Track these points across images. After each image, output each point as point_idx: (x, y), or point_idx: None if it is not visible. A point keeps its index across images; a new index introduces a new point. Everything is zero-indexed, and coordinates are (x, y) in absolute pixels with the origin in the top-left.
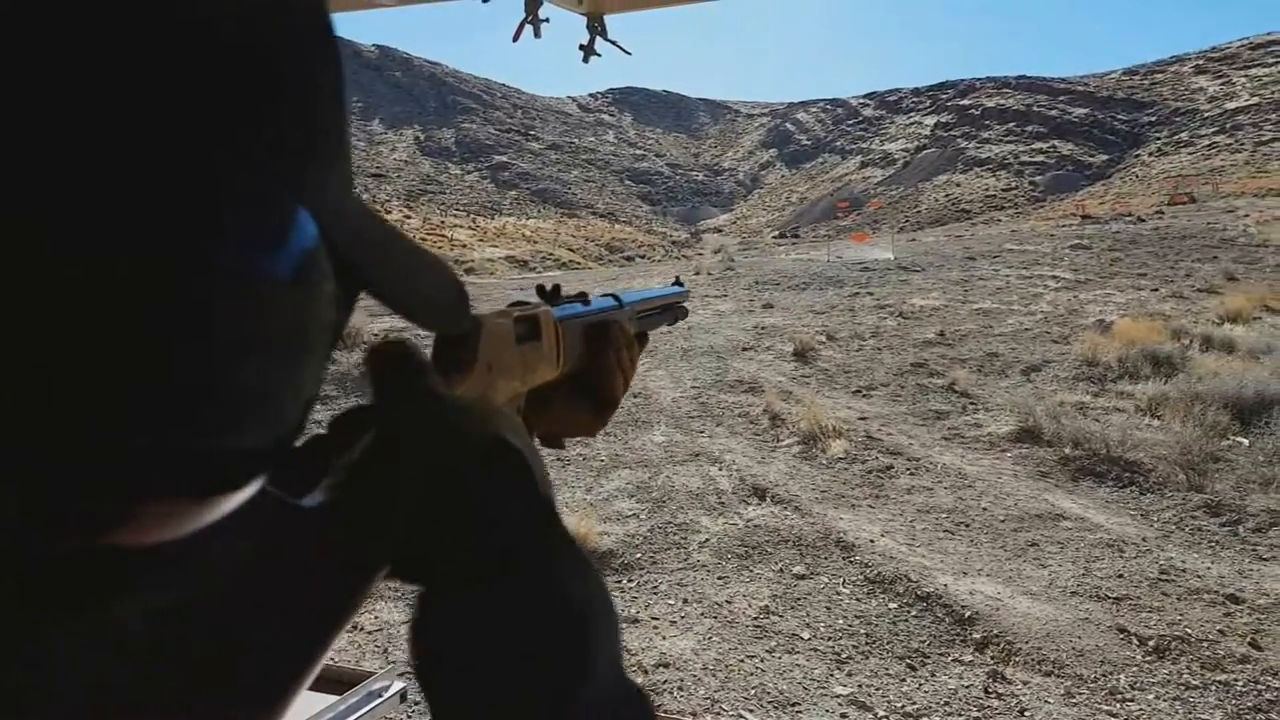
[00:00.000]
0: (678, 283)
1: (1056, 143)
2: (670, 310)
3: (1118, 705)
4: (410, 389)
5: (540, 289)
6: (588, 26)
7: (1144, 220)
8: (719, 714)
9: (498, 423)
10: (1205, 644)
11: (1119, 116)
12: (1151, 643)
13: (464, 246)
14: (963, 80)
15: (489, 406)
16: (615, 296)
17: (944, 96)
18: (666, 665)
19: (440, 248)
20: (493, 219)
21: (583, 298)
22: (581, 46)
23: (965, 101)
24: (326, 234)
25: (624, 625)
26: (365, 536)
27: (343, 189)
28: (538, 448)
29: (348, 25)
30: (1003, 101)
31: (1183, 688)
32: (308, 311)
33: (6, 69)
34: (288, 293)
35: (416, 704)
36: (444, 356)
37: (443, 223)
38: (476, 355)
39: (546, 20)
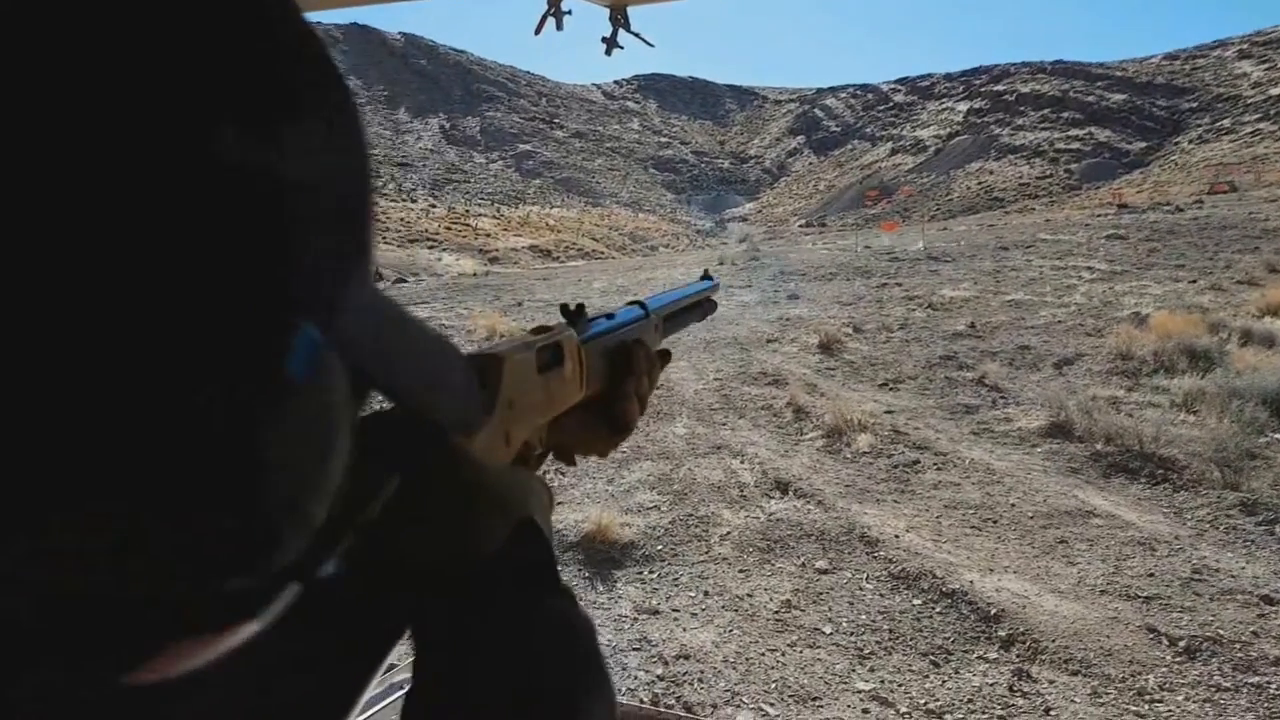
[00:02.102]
0: (706, 276)
1: (1093, 129)
2: (700, 307)
3: (1145, 706)
4: (434, 457)
5: (564, 308)
6: (610, 19)
7: (1182, 210)
8: (739, 706)
9: (525, 500)
10: (1238, 645)
11: (1158, 103)
12: (1182, 643)
13: (488, 236)
14: (997, 65)
15: (517, 481)
16: (641, 304)
17: (977, 82)
18: (687, 657)
19: (465, 237)
20: (517, 208)
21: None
22: (604, 39)
23: (999, 87)
24: (337, 333)
25: (645, 617)
26: (387, 606)
27: (359, 284)
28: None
29: (373, 15)
30: (1038, 87)
31: (1213, 689)
32: (324, 413)
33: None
34: (303, 396)
35: None
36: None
37: (467, 212)
38: (497, 398)
39: (569, 12)
